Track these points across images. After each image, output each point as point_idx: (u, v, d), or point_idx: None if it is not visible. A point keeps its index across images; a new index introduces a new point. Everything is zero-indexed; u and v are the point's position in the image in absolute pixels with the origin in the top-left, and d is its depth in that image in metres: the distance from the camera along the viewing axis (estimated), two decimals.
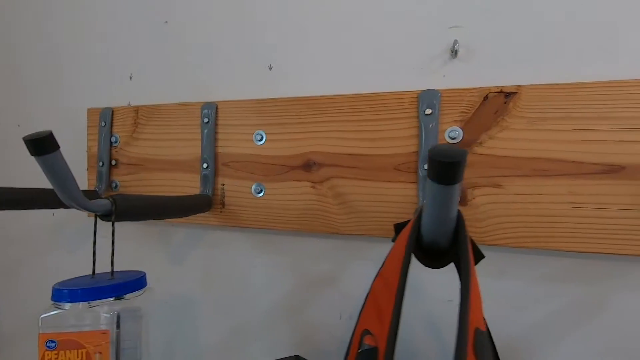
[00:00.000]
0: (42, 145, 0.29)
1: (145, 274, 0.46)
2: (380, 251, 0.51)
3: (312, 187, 0.57)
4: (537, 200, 0.47)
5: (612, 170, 0.44)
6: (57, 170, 0.32)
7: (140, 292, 0.44)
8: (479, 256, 0.32)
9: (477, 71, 0.52)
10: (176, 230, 0.69)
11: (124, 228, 0.72)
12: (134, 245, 0.72)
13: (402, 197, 0.52)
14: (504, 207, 0.48)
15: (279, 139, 0.59)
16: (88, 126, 0.72)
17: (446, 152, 0.22)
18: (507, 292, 0.51)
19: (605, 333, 0.47)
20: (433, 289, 0.54)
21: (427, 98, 0.51)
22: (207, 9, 0.66)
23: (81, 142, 0.73)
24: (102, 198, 0.39)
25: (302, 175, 0.57)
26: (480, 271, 0.51)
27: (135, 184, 0.68)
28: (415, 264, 0.31)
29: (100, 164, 0.69)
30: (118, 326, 0.44)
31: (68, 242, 0.77)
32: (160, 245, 0.70)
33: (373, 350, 0.26)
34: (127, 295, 0.41)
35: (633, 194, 0.44)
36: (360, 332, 0.27)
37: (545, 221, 0.47)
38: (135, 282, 0.43)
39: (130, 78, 0.72)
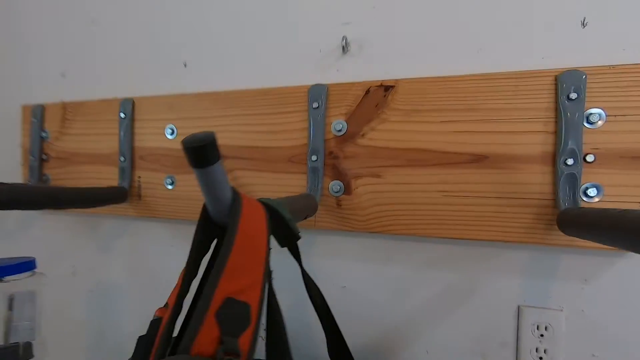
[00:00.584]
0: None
1: (34, 259, 0.49)
2: None
3: None
4: (412, 189, 0.49)
5: (478, 160, 0.46)
6: None
7: (25, 274, 0.47)
8: (292, 237, 0.34)
9: (367, 66, 0.54)
10: (103, 222, 0.71)
11: (58, 218, 0.75)
12: (66, 236, 0.75)
13: (295, 187, 0.54)
14: (384, 196, 0.50)
15: (188, 132, 0.61)
16: (22, 122, 0.75)
17: (193, 138, 0.24)
18: (393, 278, 0.53)
19: (476, 317, 0.49)
20: (328, 275, 0.56)
21: (315, 92, 0.53)
22: (131, 10, 0.68)
23: (15, 138, 0.76)
24: None
25: None
26: (369, 257, 0.54)
27: (64, 177, 0.71)
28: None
29: (32, 158, 0.72)
30: (10, 308, 0.47)
31: None
32: (89, 235, 0.73)
33: (157, 320, 0.28)
34: (7, 278, 0.44)
35: (495, 182, 0.46)
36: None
37: (420, 209, 0.49)
38: (16, 266, 0.46)
39: (63, 75, 0.74)
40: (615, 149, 0.42)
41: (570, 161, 0.42)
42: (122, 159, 0.64)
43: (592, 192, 0.42)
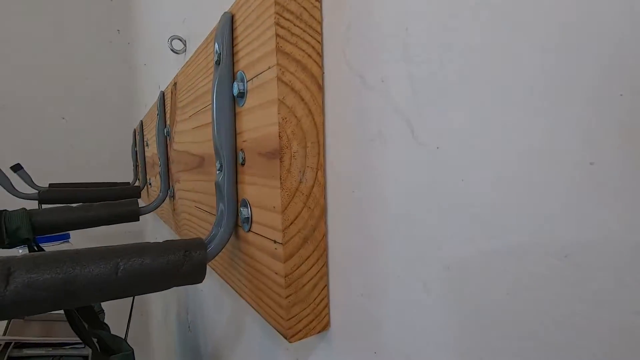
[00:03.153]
0: None
1: (69, 233, 0.78)
2: None
3: (154, 179, 0.71)
4: (187, 197, 0.43)
5: (200, 163, 0.36)
6: None
7: (59, 242, 0.77)
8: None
9: None
10: None
11: None
12: None
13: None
14: (182, 203, 0.47)
15: (150, 143, 0.76)
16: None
17: None
18: (215, 287, 0.48)
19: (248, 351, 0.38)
20: None
21: (158, 101, 0.54)
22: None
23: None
24: None
25: (152, 171, 0.72)
26: None
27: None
28: None
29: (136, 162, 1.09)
30: None
31: None
32: None
33: None
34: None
35: (207, 193, 0.34)
36: None
37: (191, 221, 0.43)
38: (55, 237, 0.76)
39: (145, 106, 1.06)
40: (256, 140, 0.23)
41: (217, 164, 0.27)
42: (139, 165, 0.88)
43: (241, 214, 0.25)
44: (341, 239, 0.21)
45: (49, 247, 0.82)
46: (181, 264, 0.24)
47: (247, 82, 0.23)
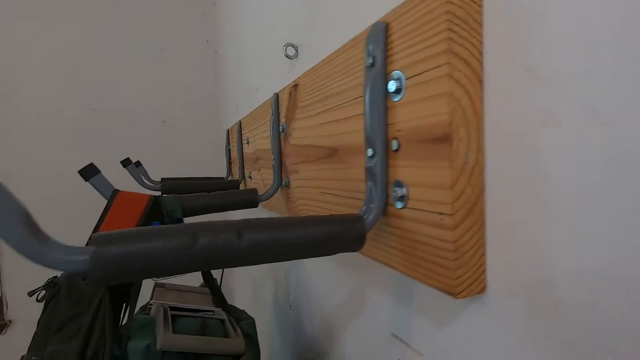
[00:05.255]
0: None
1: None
2: None
3: (257, 173, 0.79)
4: (308, 185, 0.49)
5: (331, 154, 0.41)
6: None
7: None
8: (164, 220, 0.51)
9: (306, 67, 0.56)
10: None
11: None
12: None
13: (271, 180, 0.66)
14: (300, 191, 0.53)
15: (251, 141, 0.85)
16: (225, 140, 1.25)
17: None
18: (328, 272, 0.54)
19: (354, 332, 0.42)
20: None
21: (272, 102, 0.62)
22: (231, 63, 0.99)
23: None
24: None
25: (255, 165, 0.81)
26: None
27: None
28: None
29: (226, 161, 1.20)
30: None
31: None
32: None
33: None
34: None
35: (342, 179, 0.39)
36: None
37: (313, 205, 0.48)
38: None
39: (237, 108, 1.18)
40: (415, 129, 0.27)
41: (369, 152, 0.31)
42: (239, 161, 0.98)
43: (395, 193, 0.29)
44: (498, 213, 0.24)
45: None
46: (347, 234, 0.29)
47: (405, 80, 0.27)
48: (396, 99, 0.29)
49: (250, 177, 0.88)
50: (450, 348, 0.29)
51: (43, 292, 0.50)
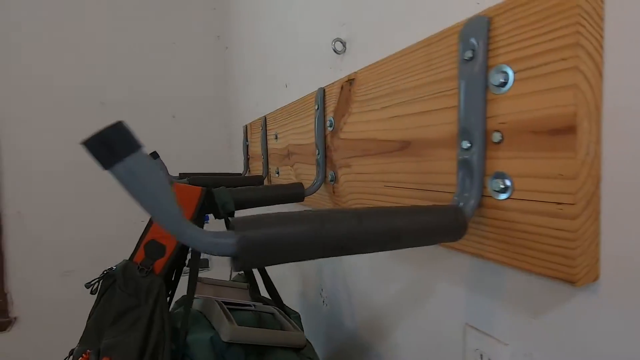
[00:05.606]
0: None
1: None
2: None
3: (290, 168, 0.79)
4: (365, 179, 0.50)
5: (402, 147, 0.42)
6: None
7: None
8: (219, 214, 0.50)
9: (356, 62, 0.56)
10: None
11: None
12: None
13: (313, 175, 0.66)
14: (352, 185, 0.53)
15: (281, 137, 0.84)
16: (243, 135, 1.24)
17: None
18: (368, 266, 0.54)
19: (423, 322, 0.43)
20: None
21: (318, 96, 0.62)
22: (259, 59, 0.99)
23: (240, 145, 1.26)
24: None
25: (287, 161, 0.81)
26: None
27: (253, 169, 1.13)
28: None
29: (244, 157, 1.20)
30: None
31: None
32: None
33: (162, 246, 0.54)
34: None
35: (417, 172, 0.40)
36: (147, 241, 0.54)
37: (368, 198, 0.49)
38: None
39: (257, 104, 1.17)
40: (525, 121, 0.27)
41: (465, 144, 0.32)
42: (262, 157, 0.97)
43: (496, 185, 0.30)
44: (612, 203, 0.25)
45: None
46: (450, 223, 0.29)
47: (514, 73, 0.28)
48: (500, 92, 0.29)
49: (278, 173, 0.88)
50: (549, 336, 0.30)
51: (96, 285, 0.49)
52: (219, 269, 1.50)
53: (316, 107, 0.62)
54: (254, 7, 1.15)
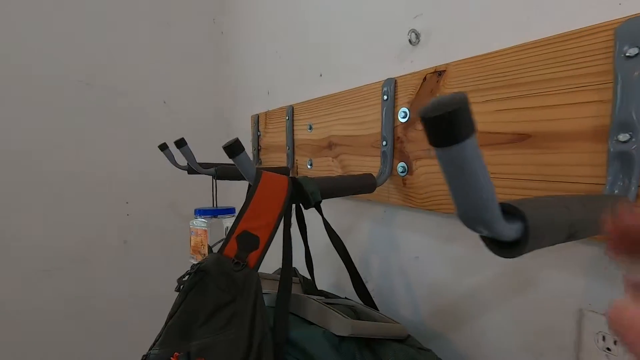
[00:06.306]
0: None
1: (233, 208, 0.85)
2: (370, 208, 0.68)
3: (332, 160, 0.77)
4: None
5: (519, 139, 0.43)
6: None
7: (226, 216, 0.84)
8: (309, 202, 0.48)
9: (434, 54, 0.56)
10: None
11: None
12: None
13: (375, 167, 0.65)
14: (437, 177, 0.54)
15: (317, 127, 0.82)
16: (251, 126, 1.19)
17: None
18: (454, 256, 0.55)
19: (532, 311, 0.45)
20: (402, 246, 0.64)
21: (386, 86, 0.61)
22: (295, 46, 0.96)
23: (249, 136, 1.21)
24: None
25: (327, 152, 0.79)
26: (434, 233, 0.57)
27: (266, 161, 1.09)
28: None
29: (253, 148, 1.15)
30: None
31: None
32: None
33: (255, 237, 0.50)
34: (221, 216, 0.82)
35: (538, 164, 0.41)
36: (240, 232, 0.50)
37: (437, 190, 0.49)
38: (227, 210, 0.82)
39: (268, 93, 1.12)
40: None
41: (623, 137, 0.33)
42: (287, 148, 0.94)
43: None
44: None
45: (227, 219, 0.89)
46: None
47: None
48: None
49: (310, 165, 0.86)
50: None
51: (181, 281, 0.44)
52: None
53: (385, 98, 0.61)
54: None
